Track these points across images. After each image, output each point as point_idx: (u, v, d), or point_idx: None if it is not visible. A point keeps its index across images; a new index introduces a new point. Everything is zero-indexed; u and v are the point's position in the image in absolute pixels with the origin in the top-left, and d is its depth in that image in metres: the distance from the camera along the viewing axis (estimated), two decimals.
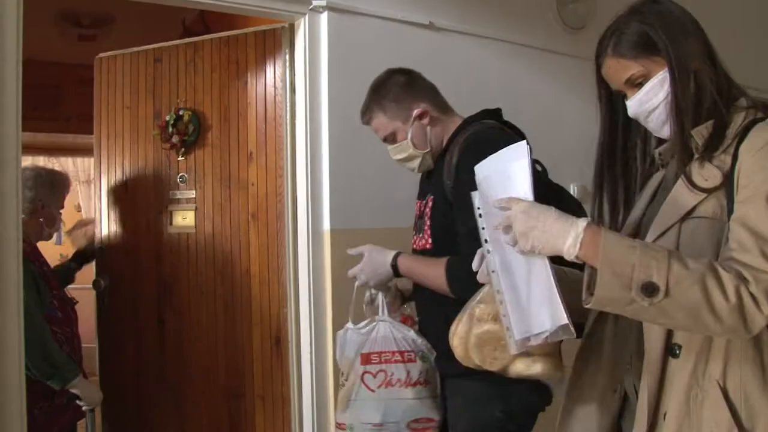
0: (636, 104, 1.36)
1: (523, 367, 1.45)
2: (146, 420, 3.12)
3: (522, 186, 1.27)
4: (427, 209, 2.03)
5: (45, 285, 2.57)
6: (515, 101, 3.28)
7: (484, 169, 1.41)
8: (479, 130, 1.97)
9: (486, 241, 1.38)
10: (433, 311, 2.03)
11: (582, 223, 1.19)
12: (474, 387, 1.94)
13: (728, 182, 1.23)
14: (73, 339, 2.67)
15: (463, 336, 1.52)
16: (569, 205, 2.00)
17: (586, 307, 1.21)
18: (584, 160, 3.72)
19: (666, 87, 1.32)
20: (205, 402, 3.03)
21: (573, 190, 3.52)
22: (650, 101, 1.35)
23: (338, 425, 2.08)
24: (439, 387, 2.06)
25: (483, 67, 3.27)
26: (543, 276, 1.24)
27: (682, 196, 1.30)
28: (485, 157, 1.85)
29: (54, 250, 7.85)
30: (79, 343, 2.73)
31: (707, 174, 1.28)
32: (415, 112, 2.05)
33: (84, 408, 2.56)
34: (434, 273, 1.92)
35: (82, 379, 2.52)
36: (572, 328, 1.22)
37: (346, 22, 2.89)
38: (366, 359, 2.02)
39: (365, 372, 2.01)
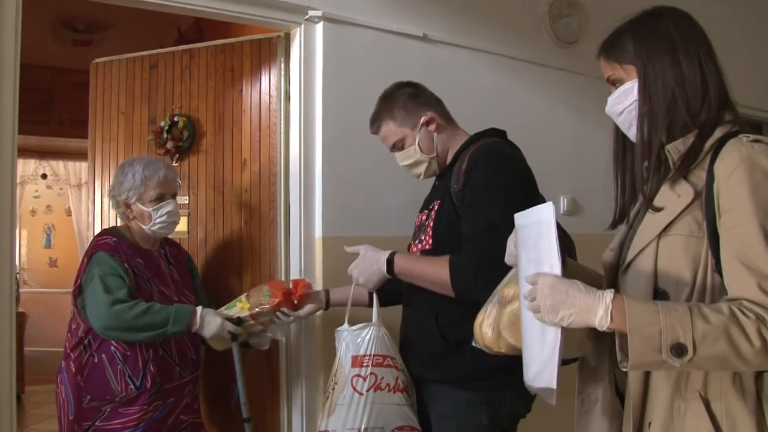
0: (610, 104, 1.46)
1: None
2: None
3: (549, 251, 1.30)
4: (432, 213, 2.07)
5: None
6: (507, 114, 3.32)
7: (520, 220, 1.45)
8: (490, 143, 2.04)
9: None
10: (422, 315, 2.05)
11: (608, 295, 1.22)
12: (460, 394, 1.96)
13: (707, 199, 1.27)
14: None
15: (495, 319, 1.50)
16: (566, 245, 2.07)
17: (624, 370, 1.26)
18: (575, 172, 3.77)
19: (631, 96, 1.40)
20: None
21: (563, 202, 3.56)
22: (617, 105, 1.43)
23: None
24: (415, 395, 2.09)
25: (476, 80, 3.31)
26: (550, 338, 1.28)
27: (658, 213, 1.35)
28: (495, 166, 1.92)
29: (43, 254, 7.85)
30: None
31: (681, 190, 1.32)
32: (423, 118, 2.13)
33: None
34: (435, 270, 1.93)
35: (198, 317, 2.39)
36: (555, 397, 1.30)
37: (341, 33, 2.92)
38: (357, 362, 2.02)
39: (356, 375, 2.01)
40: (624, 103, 1.41)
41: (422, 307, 2.06)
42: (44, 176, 7.80)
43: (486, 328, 1.52)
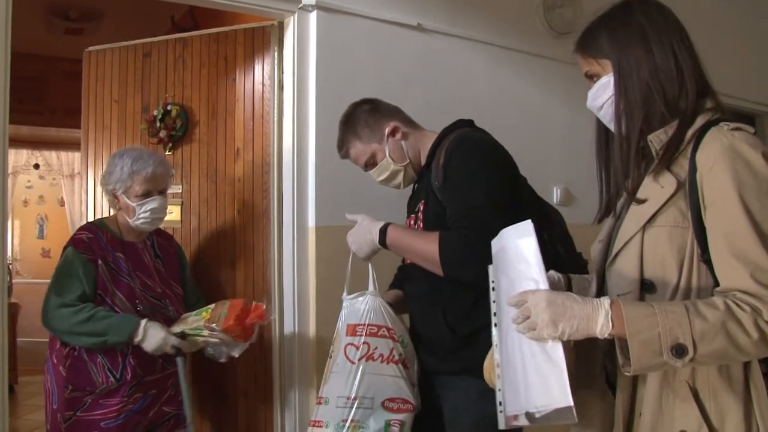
0: (590, 98, 1.45)
1: None
2: None
3: (533, 268, 1.28)
4: (419, 214, 2.07)
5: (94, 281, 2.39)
6: (501, 104, 3.33)
7: (496, 245, 1.44)
8: (461, 133, 2.04)
9: (494, 314, 1.45)
10: (429, 309, 2.04)
11: (606, 301, 1.21)
12: (477, 385, 1.95)
13: (690, 189, 1.27)
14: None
15: (489, 360, 1.55)
16: (551, 218, 2.06)
17: (627, 374, 1.25)
18: (568, 163, 3.78)
19: (609, 90, 1.39)
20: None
21: (556, 193, 3.57)
22: (597, 100, 1.43)
23: (318, 400, 2.07)
24: (417, 377, 2.07)
25: (470, 70, 3.31)
26: (555, 356, 1.23)
27: (642, 205, 1.35)
28: (470, 152, 1.92)
29: (36, 244, 7.83)
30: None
31: (664, 181, 1.32)
32: (387, 129, 2.14)
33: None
34: (426, 245, 1.91)
35: (141, 328, 2.33)
36: (575, 414, 1.20)
37: (335, 22, 2.91)
38: (351, 330, 2.01)
39: (349, 344, 2.00)
40: (602, 97, 1.41)
41: (427, 301, 2.05)
42: (36, 166, 7.77)
43: (486, 363, 1.59)
